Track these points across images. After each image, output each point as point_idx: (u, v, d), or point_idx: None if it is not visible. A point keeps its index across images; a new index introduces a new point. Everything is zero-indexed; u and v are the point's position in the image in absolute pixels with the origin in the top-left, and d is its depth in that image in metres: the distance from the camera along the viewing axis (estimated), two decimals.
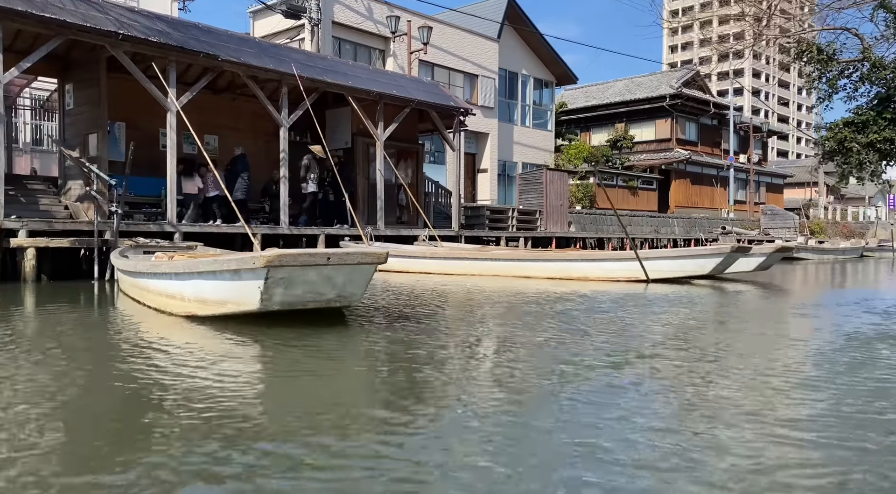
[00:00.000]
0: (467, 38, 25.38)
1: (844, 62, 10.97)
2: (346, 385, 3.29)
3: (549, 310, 6.28)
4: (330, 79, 12.35)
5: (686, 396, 3.02)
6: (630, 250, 10.11)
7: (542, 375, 3.42)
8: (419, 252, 11.44)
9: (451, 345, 4.33)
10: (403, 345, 4.37)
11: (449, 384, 3.25)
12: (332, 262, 4.15)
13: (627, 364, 3.65)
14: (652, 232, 25.83)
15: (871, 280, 12.18)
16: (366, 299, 7.64)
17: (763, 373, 3.47)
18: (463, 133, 25.85)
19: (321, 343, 4.20)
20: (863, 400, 2.93)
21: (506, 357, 3.91)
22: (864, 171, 10.67)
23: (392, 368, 3.63)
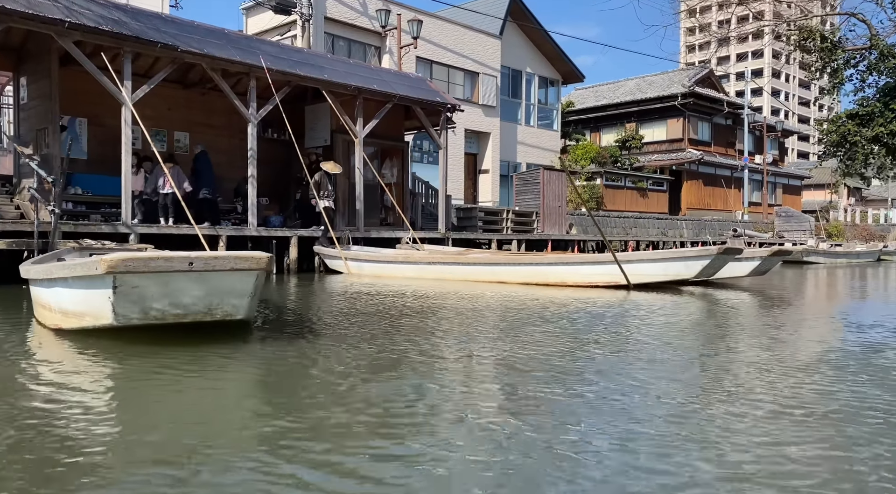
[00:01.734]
0: (468, 35, 24.73)
1: (850, 51, 10.13)
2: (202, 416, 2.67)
3: (483, 328, 5.59)
4: (303, 72, 11.76)
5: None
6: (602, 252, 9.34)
7: (413, 428, 2.75)
8: (390, 257, 10.80)
9: (351, 368, 3.68)
10: (291, 366, 3.72)
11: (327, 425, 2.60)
12: (195, 268, 3.52)
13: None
14: (659, 234, 24.95)
15: (880, 288, 11.29)
16: (301, 309, 7.01)
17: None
18: (463, 132, 25.37)
19: (192, 367, 3.58)
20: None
21: (388, 389, 3.25)
22: (869, 167, 9.81)
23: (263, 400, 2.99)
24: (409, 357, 3.94)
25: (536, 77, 28.88)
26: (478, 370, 3.69)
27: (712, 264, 8.55)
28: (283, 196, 14.02)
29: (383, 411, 2.76)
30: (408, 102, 13.56)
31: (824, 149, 10.44)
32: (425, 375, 3.47)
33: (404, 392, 3.05)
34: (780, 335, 5.09)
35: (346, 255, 11.18)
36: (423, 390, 3.12)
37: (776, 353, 4.21)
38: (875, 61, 9.79)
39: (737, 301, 7.78)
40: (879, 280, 13.81)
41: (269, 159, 13.90)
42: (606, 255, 8.75)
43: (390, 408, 2.79)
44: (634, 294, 8.23)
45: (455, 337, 4.80)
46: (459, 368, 3.70)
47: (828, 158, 11.32)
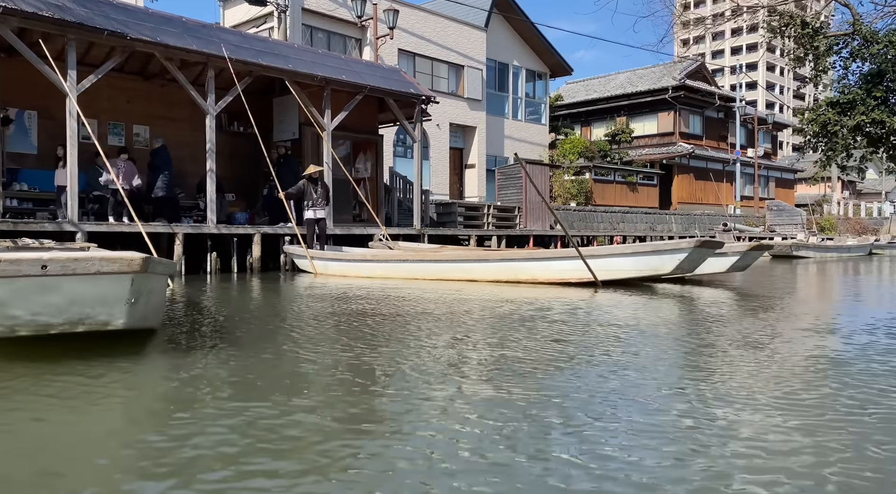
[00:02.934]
0: (451, 27, 24.23)
1: (833, 37, 9.68)
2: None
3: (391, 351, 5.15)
4: (266, 62, 11.27)
5: None
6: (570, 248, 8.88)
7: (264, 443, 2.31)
8: (356, 255, 10.33)
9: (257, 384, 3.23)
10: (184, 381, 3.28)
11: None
12: (51, 272, 3.06)
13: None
14: (647, 229, 24.53)
15: (866, 286, 10.87)
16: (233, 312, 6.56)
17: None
18: (448, 126, 24.89)
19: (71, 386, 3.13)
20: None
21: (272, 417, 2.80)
22: (850, 158, 9.34)
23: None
24: (335, 372, 3.50)
25: (524, 70, 28.39)
26: (411, 406, 3.25)
27: (690, 259, 8.10)
28: (251, 192, 13.55)
29: (269, 437, 2.31)
30: (379, 94, 13.08)
31: (806, 140, 10.00)
32: (337, 398, 3.02)
33: (308, 423, 2.61)
34: (754, 353, 4.65)
35: (312, 254, 10.73)
36: (329, 415, 2.67)
37: (741, 381, 3.78)
38: (858, 47, 9.34)
39: (709, 301, 7.35)
40: (867, 276, 13.40)
41: (235, 154, 13.45)
42: (584, 250, 8.29)
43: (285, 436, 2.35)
44: (601, 294, 7.79)
45: (399, 346, 4.36)
46: (388, 389, 3.25)
47: (808, 150, 10.86)
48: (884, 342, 4.50)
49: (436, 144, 24.04)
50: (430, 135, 23.79)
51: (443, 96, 24.05)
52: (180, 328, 5.10)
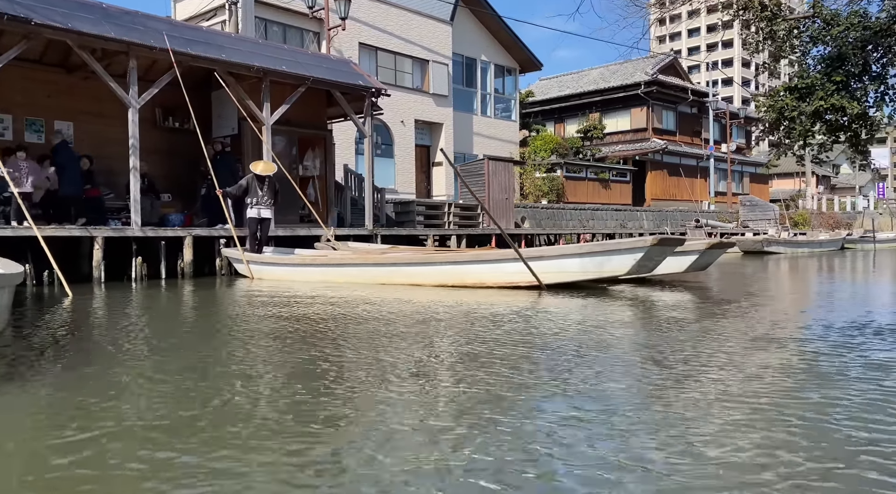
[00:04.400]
0: (415, 20, 23.52)
1: (793, 20, 9.13)
2: None
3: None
4: (196, 51, 10.49)
5: None
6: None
7: None
8: (293, 259, 9.58)
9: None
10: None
11: None
12: None
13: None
14: (618, 226, 24.02)
15: (831, 283, 10.35)
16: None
17: None
18: (413, 123, 24.17)
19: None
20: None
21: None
22: (808, 146, 8.80)
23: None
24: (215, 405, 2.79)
25: (492, 65, 27.76)
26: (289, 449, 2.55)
27: (648, 258, 7.47)
28: (189, 192, 12.75)
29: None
30: (324, 86, 12.34)
31: (762, 128, 9.47)
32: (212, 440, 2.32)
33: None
34: (699, 372, 4.01)
35: (247, 257, 9.98)
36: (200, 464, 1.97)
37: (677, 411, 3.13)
38: (818, 31, 8.78)
39: (653, 306, 6.73)
40: (832, 273, 12.92)
41: (172, 151, 12.64)
42: (528, 251, 7.64)
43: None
44: (546, 299, 7.15)
45: (277, 372, 3.65)
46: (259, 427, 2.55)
47: (765, 137, 10.32)
48: (841, 358, 3.88)
49: (401, 141, 23.34)
50: (395, 132, 23.10)
51: (407, 92, 23.37)
52: (26, 343, 4.36)
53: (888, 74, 8.24)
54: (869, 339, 4.38)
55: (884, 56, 8.22)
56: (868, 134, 8.66)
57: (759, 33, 9.32)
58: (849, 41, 8.32)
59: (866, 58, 8.08)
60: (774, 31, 9.07)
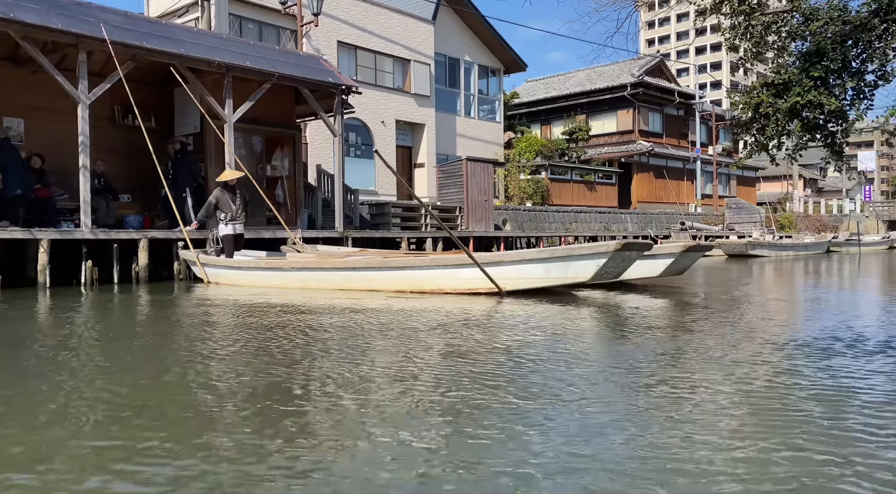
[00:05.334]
0: (396, 19, 23.10)
1: (771, 14, 8.77)
2: None
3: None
4: (152, 45, 10.02)
5: None
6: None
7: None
8: (249, 262, 9.11)
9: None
10: None
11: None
12: None
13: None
14: (602, 229, 23.68)
15: (807, 291, 9.99)
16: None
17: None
18: (394, 123, 23.71)
19: None
20: None
21: None
22: (782, 145, 8.40)
23: None
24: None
25: (476, 66, 27.38)
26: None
27: (612, 264, 7.06)
28: (150, 193, 12.26)
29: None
30: (290, 82, 11.89)
31: (738, 126, 9.11)
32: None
33: None
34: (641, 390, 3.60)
35: (203, 260, 9.51)
36: None
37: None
38: (798, 26, 8.41)
39: (615, 314, 6.32)
40: (817, 278, 12.59)
41: (131, 150, 12.15)
42: (486, 256, 7.22)
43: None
44: (506, 304, 6.73)
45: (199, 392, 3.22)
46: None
47: (741, 136, 9.92)
48: (810, 380, 3.49)
49: (381, 141, 22.88)
50: (375, 132, 22.68)
51: (388, 92, 22.96)
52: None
53: (867, 70, 7.88)
54: (845, 358, 3.99)
55: (863, 52, 7.87)
56: (844, 134, 8.31)
57: (736, 28, 8.95)
58: (828, 36, 7.96)
59: (845, 53, 7.71)
60: (752, 25, 8.69)
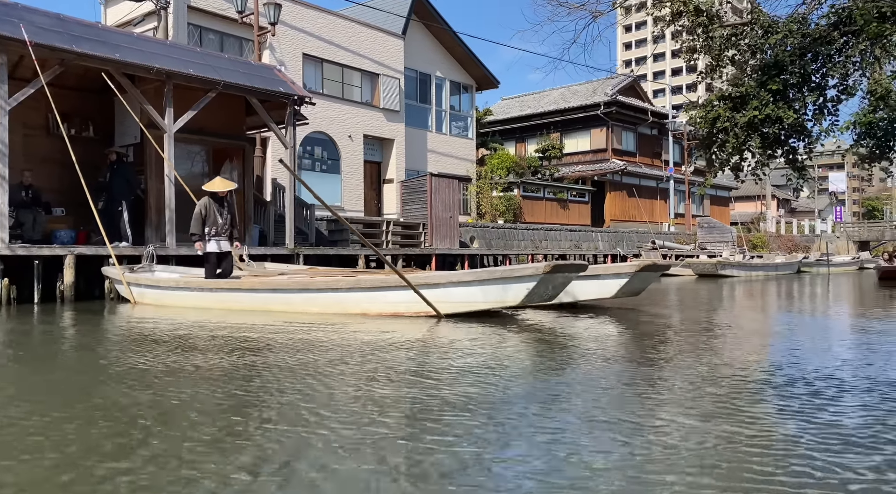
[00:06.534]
0: (364, 33, 22.72)
1: (731, 26, 8.46)
2: None
3: None
4: (82, 48, 9.42)
5: None
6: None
7: None
8: (171, 282, 8.47)
9: None
10: None
11: None
12: None
13: None
14: (572, 247, 23.30)
15: (772, 317, 9.59)
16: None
17: None
18: (362, 137, 23.21)
19: None
20: None
21: None
22: (743, 161, 8.04)
23: None
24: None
25: (447, 82, 27.08)
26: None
27: (544, 286, 6.56)
28: (87, 206, 11.55)
29: None
30: (237, 91, 11.34)
31: (697, 141, 8.80)
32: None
33: None
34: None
35: (128, 279, 8.85)
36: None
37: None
38: (758, 39, 8.10)
39: (553, 344, 5.81)
40: (785, 300, 12.24)
41: (67, 161, 11.43)
42: (416, 277, 6.68)
43: None
44: (442, 329, 6.19)
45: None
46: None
47: (700, 153, 9.57)
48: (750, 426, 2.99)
49: (348, 156, 22.39)
50: (342, 147, 22.18)
51: (356, 106, 22.50)
52: None
53: (828, 85, 7.57)
54: (799, 400, 3.50)
55: (823, 65, 7.56)
56: (807, 148, 7.98)
57: (695, 40, 8.62)
58: (787, 49, 7.64)
59: (805, 67, 7.39)
60: (711, 37, 8.36)
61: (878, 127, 7.06)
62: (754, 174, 8.23)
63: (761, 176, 8.58)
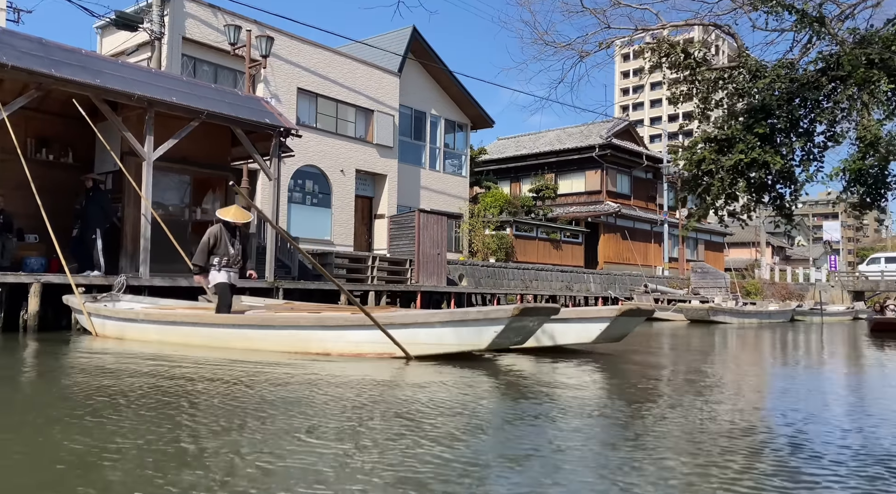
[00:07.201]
0: (361, 70, 22.85)
1: (718, 70, 8.36)
2: None
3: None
4: (62, 73, 9.27)
5: None
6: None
7: None
8: (130, 314, 8.10)
9: None
10: None
11: None
12: None
13: None
14: (563, 288, 22.99)
15: (761, 371, 9.27)
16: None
17: None
18: (354, 172, 23.14)
19: None
20: None
21: None
22: (729, 205, 7.84)
23: None
24: None
25: (443, 120, 27.18)
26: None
27: (512, 330, 6.24)
28: (62, 233, 11.28)
29: None
30: (221, 121, 11.19)
31: (681, 184, 8.62)
32: None
33: None
34: None
35: (89, 309, 8.51)
36: None
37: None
38: (745, 82, 7.98)
39: (523, 391, 5.48)
40: (777, 352, 11.90)
41: (44, 187, 11.20)
42: (377, 317, 6.35)
43: None
44: (413, 372, 5.85)
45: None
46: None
47: (685, 195, 9.38)
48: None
49: (339, 190, 22.25)
50: (333, 181, 22.05)
51: (349, 141, 22.47)
52: None
53: (815, 131, 7.42)
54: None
55: (811, 111, 7.42)
56: (793, 195, 7.79)
57: (682, 83, 8.51)
58: (774, 93, 7.51)
59: (792, 112, 7.25)
60: (699, 80, 8.25)
61: (867, 174, 6.90)
62: (740, 219, 8.03)
63: (747, 222, 8.36)
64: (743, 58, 8.03)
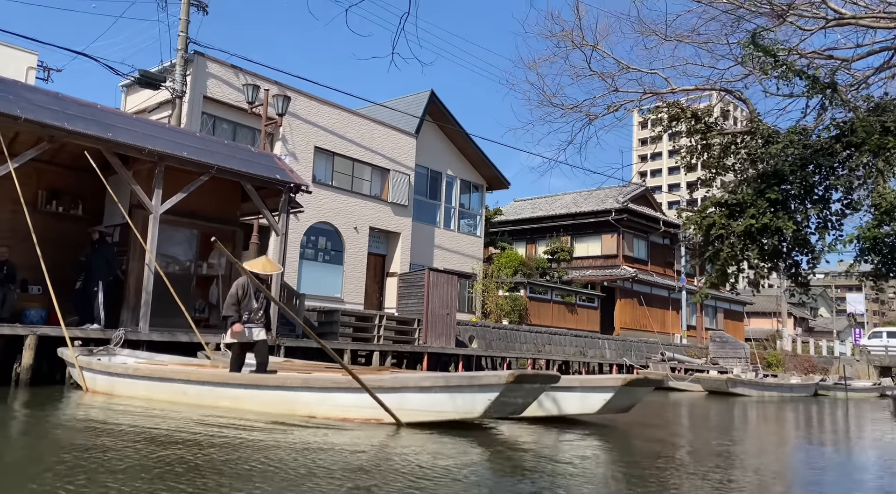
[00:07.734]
0: (378, 130, 23.20)
1: (730, 134, 8.22)
2: None
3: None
4: (74, 127, 9.40)
5: None
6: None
7: None
8: (120, 369, 7.88)
9: None
10: None
11: None
12: None
13: None
14: (577, 354, 22.39)
15: (787, 449, 8.72)
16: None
17: None
18: (368, 230, 23.18)
19: None
20: None
21: None
22: (740, 271, 7.53)
23: None
24: None
25: (458, 180, 27.35)
26: None
27: (508, 397, 5.88)
28: (66, 285, 11.22)
29: None
30: (231, 176, 11.23)
31: (692, 249, 8.36)
32: None
33: None
34: None
35: (81, 363, 8.31)
36: None
37: None
38: (757, 148, 7.82)
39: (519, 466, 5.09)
40: (801, 430, 11.26)
41: (52, 238, 11.23)
42: (365, 379, 6.04)
43: None
44: (398, 441, 5.49)
45: None
46: None
47: (696, 262, 9.08)
48: None
49: (352, 247, 22.20)
50: (346, 238, 22.04)
51: (363, 199, 22.59)
52: None
53: (831, 198, 7.17)
54: None
55: (826, 178, 7.20)
56: (810, 264, 7.47)
57: (693, 148, 8.37)
58: (787, 159, 7.32)
59: (806, 178, 7.03)
60: (709, 145, 8.10)
61: (883, 243, 6.60)
62: (752, 286, 7.71)
63: (758, 290, 8.01)
64: (755, 123, 7.88)
